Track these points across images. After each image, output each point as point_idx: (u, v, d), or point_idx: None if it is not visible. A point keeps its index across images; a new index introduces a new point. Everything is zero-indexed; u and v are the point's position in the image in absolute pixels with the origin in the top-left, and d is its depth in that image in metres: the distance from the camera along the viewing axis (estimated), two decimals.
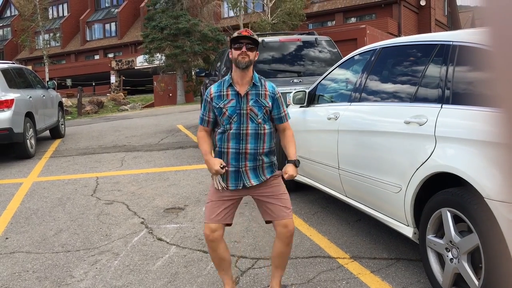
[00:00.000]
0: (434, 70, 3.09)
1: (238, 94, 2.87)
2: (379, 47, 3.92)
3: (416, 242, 3.15)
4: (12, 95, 8.32)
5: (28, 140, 8.75)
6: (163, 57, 28.37)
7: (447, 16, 39.10)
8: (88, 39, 50.38)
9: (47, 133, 11.28)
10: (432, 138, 2.87)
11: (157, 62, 29.23)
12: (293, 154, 2.98)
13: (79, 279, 3.53)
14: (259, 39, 7.71)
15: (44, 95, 10.36)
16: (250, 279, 3.39)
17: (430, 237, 2.91)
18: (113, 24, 48.71)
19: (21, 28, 38.42)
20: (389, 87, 3.63)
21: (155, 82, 30.09)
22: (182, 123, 13.40)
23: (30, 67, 23.56)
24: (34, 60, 49.03)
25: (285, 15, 26.98)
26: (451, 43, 2.99)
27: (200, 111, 3.06)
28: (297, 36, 8.16)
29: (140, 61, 36.47)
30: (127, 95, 33.23)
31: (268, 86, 2.94)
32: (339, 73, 4.63)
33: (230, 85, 2.88)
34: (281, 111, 2.97)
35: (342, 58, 4.79)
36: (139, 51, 36.96)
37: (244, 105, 2.86)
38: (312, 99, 4.82)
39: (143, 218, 4.91)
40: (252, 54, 2.84)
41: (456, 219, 2.70)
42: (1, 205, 5.67)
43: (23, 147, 8.56)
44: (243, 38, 2.83)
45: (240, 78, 2.87)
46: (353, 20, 34.23)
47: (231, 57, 2.88)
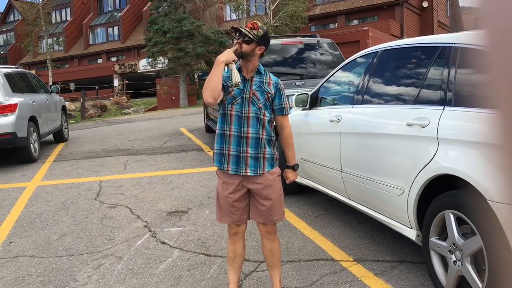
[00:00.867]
0: (436, 72, 3.09)
1: (246, 80, 2.92)
2: (381, 50, 3.92)
3: (420, 245, 3.14)
4: (16, 100, 8.35)
5: (32, 144, 8.77)
6: (166, 61, 28.44)
7: (450, 18, 39.06)
8: (91, 43, 50.54)
9: (51, 137, 11.31)
10: (435, 140, 2.87)
11: (160, 66, 29.29)
12: (292, 158, 3.05)
13: (83, 283, 3.54)
14: None
15: (48, 99, 10.39)
16: (253, 282, 3.39)
17: (434, 240, 2.90)
18: (116, 28, 48.85)
19: (25, 33, 38.60)
20: (391, 89, 3.63)
21: (158, 86, 30.14)
22: (185, 127, 13.42)
23: (34, 72, 23.63)
24: (38, 65, 49.19)
25: (287, 18, 26.99)
26: (453, 45, 2.99)
27: None
28: (299, 39, 8.16)
29: (143, 65, 36.55)
30: (130, 99, 33.30)
31: (272, 77, 3.01)
32: (341, 76, 4.64)
33: (239, 70, 2.92)
34: (283, 102, 2.99)
35: (344, 61, 4.80)
36: (142, 55, 37.03)
37: (248, 90, 2.90)
38: (315, 102, 4.83)
39: (146, 222, 4.92)
40: (247, 47, 2.85)
41: (459, 221, 2.69)
42: (5, 209, 5.69)
43: (27, 151, 8.59)
44: (238, 31, 2.91)
45: (244, 67, 2.93)
46: (356, 22, 34.23)
47: None
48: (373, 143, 3.57)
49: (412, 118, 3.11)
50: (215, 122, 6.20)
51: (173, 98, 28.95)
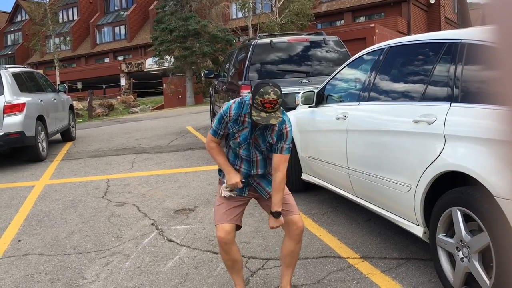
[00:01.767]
0: (443, 69, 3.08)
1: (252, 124, 2.84)
2: (387, 46, 3.91)
3: (427, 242, 3.14)
4: (24, 99, 8.41)
5: (40, 143, 8.83)
6: (173, 59, 28.50)
7: (458, 14, 38.80)
8: (98, 42, 50.75)
9: (59, 136, 11.38)
10: (441, 137, 2.86)
11: (167, 64, 29.37)
12: (276, 204, 2.81)
13: (91, 281, 3.56)
14: (268, 40, 7.72)
15: (55, 99, 10.45)
16: (260, 280, 3.40)
17: (441, 237, 2.89)
18: (123, 27, 49.02)
19: (32, 33, 38.83)
20: (398, 86, 3.61)
21: (165, 84, 30.23)
22: (192, 125, 13.45)
23: (41, 71, 23.77)
24: (45, 64, 49.47)
25: (294, 15, 26.95)
26: (460, 41, 2.98)
27: (214, 123, 2.92)
28: (305, 36, 8.15)
29: (150, 64, 36.67)
30: (137, 98, 33.41)
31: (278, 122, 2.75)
32: (348, 73, 4.63)
33: (249, 113, 2.77)
34: (283, 143, 2.82)
35: (350, 58, 4.79)
36: (149, 54, 37.13)
37: (251, 135, 2.87)
38: (321, 99, 4.82)
39: (154, 220, 4.94)
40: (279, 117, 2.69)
41: (467, 218, 2.68)
42: (14, 208, 5.74)
43: (35, 150, 8.64)
44: (268, 109, 2.65)
45: None
46: (362, 19, 34.09)
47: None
48: (380, 140, 3.56)
49: (419, 115, 3.10)
50: None
51: (180, 97, 29.02)
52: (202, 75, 27.99)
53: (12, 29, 58.57)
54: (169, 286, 3.39)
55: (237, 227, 2.98)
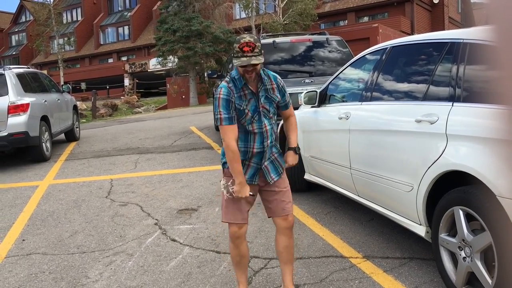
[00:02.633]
0: (445, 68, 3.08)
1: (253, 93, 2.86)
2: (390, 46, 3.91)
3: (429, 241, 3.14)
4: (28, 99, 8.45)
5: (44, 144, 8.87)
6: (176, 60, 28.54)
7: (461, 14, 38.69)
8: (102, 43, 50.87)
9: (62, 136, 11.42)
10: (444, 137, 2.86)
11: (170, 65, 29.42)
12: (294, 141, 3.09)
13: (94, 280, 3.58)
14: (271, 40, 7.73)
15: (59, 99, 10.49)
16: (263, 279, 3.41)
17: (443, 236, 2.90)
18: (126, 28, 49.12)
19: (36, 33, 39.00)
20: (400, 86, 3.62)
21: (168, 85, 30.28)
22: (195, 125, 13.47)
23: (45, 72, 23.87)
24: (49, 65, 49.63)
25: (297, 16, 26.97)
26: (462, 41, 2.98)
27: (221, 113, 2.78)
28: (308, 37, 8.15)
29: (153, 64, 36.74)
30: (141, 98, 33.49)
31: (273, 78, 2.95)
32: (350, 73, 4.63)
33: (245, 84, 2.83)
34: (286, 98, 3.03)
35: (353, 58, 4.79)
36: (152, 54, 37.21)
37: (258, 104, 2.88)
38: (323, 99, 4.83)
39: (157, 219, 4.96)
40: (259, 66, 2.78)
41: (469, 218, 2.68)
42: (18, 208, 5.77)
43: (39, 151, 8.68)
44: (247, 53, 2.69)
45: (250, 80, 2.85)
46: (366, 19, 34.06)
47: (236, 68, 2.82)
48: (382, 140, 3.56)
49: (421, 115, 3.10)
50: None
51: (183, 97, 29.07)
52: (206, 75, 28.06)
53: (17, 30, 58.81)
54: (172, 285, 3.41)
55: None
